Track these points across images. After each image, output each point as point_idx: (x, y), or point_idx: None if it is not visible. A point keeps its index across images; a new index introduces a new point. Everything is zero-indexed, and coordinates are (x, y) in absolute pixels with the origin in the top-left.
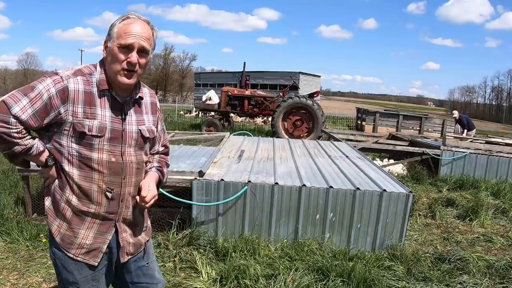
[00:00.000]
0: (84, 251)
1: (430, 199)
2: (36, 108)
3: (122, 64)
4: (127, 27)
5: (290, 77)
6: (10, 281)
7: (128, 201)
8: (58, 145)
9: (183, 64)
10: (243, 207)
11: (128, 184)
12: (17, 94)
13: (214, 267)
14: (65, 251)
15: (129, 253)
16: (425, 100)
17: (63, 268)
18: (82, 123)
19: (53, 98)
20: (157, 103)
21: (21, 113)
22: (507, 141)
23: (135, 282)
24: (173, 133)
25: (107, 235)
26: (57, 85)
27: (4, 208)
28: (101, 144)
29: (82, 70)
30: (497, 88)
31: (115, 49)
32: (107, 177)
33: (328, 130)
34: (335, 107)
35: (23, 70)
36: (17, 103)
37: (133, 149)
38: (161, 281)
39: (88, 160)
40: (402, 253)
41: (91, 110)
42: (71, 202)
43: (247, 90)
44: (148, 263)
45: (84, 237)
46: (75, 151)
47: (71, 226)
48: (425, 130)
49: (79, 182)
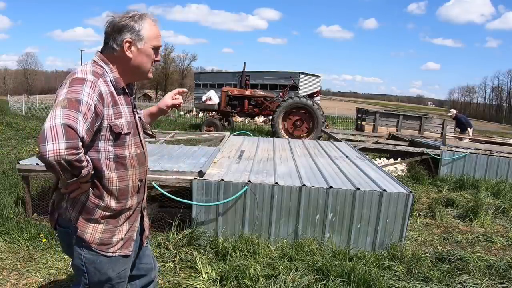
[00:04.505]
0: (121, 244)
1: (430, 199)
2: (89, 122)
3: (153, 63)
4: (157, 29)
5: (290, 77)
6: (10, 281)
7: (145, 186)
8: (96, 153)
9: (183, 64)
10: (243, 207)
11: (147, 171)
12: (71, 112)
13: (214, 267)
14: (103, 252)
15: (147, 236)
16: (425, 100)
17: (96, 272)
18: (116, 124)
19: (97, 106)
20: None
21: (83, 133)
22: (507, 141)
23: (138, 264)
24: (173, 133)
25: (136, 223)
26: (95, 91)
27: (4, 208)
28: (130, 140)
29: (97, 72)
30: (497, 88)
31: (149, 50)
32: (137, 169)
33: (328, 130)
34: (335, 107)
35: (23, 70)
36: (77, 123)
37: (142, 135)
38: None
39: (122, 159)
40: (402, 253)
41: (117, 109)
42: (110, 207)
43: (247, 90)
44: (147, 243)
45: (120, 232)
46: (112, 154)
47: (107, 228)
48: (425, 130)
49: (118, 185)
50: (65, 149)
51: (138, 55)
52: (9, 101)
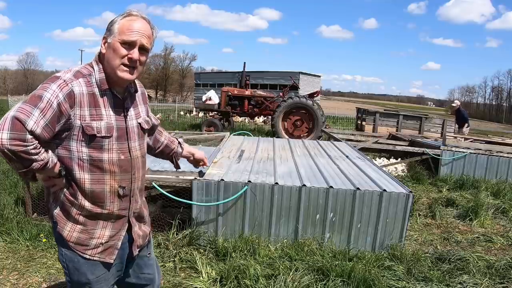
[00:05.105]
0: (100, 250)
1: (430, 199)
2: (48, 118)
3: (123, 60)
4: (130, 24)
5: (290, 77)
6: (10, 281)
7: (136, 195)
8: (67, 152)
9: (183, 64)
10: (243, 207)
11: (136, 179)
12: (27, 107)
13: (214, 267)
14: (80, 253)
15: (139, 246)
16: (425, 100)
17: (74, 270)
18: (90, 125)
19: (62, 104)
20: (145, 92)
21: (35, 127)
22: (507, 141)
23: (138, 273)
24: (173, 133)
25: (121, 231)
26: (63, 90)
27: (4, 208)
28: (110, 144)
29: (81, 72)
30: (497, 88)
31: (116, 44)
32: (118, 175)
33: (328, 130)
34: (335, 107)
35: (23, 70)
36: (29, 117)
37: (137, 143)
38: (159, 273)
39: (99, 162)
40: (402, 253)
41: (96, 111)
42: (84, 207)
43: (247, 90)
44: (150, 254)
45: (100, 237)
46: (85, 155)
47: (85, 228)
48: (425, 130)
49: (91, 187)
50: (8, 139)
51: (107, 50)
52: (9, 101)
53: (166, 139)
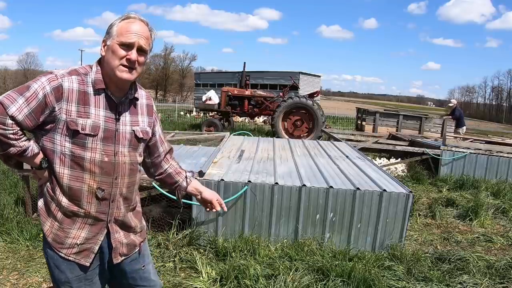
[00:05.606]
0: (75, 250)
1: (430, 199)
2: (32, 107)
3: (121, 61)
4: (128, 26)
5: (290, 77)
6: (10, 281)
7: (119, 202)
8: (51, 144)
9: (183, 64)
10: (243, 207)
11: (120, 185)
12: (13, 94)
13: (214, 267)
14: (57, 250)
15: (122, 254)
16: (425, 100)
17: (55, 267)
18: (75, 121)
19: (48, 96)
20: (153, 105)
21: (17, 113)
22: (507, 141)
23: (132, 286)
24: (173, 133)
25: (98, 236)
26: (52, 83)
27: (4, 208)
28: (94, 143)
29: (77, 70)
30: (497, 88)
31: (115, 46)
32: (98, 176)
33: (328, 130)
34: (335, 107)
35: (23, 70)
36: (13, 103)
37: (126, 149)
38: (158, 283)
39: (80, 160)
40: (402, 253)
41: (84, 109)
42: (61, 203)
43: (247, 90)
44: (144, 266)
45: (75, 237)
46: (68, 150)
47: (62, 226)
48: (425, 130)
49: (69, 183)
50: None
51: (107, 52)
52: None
53: (171, 168)
